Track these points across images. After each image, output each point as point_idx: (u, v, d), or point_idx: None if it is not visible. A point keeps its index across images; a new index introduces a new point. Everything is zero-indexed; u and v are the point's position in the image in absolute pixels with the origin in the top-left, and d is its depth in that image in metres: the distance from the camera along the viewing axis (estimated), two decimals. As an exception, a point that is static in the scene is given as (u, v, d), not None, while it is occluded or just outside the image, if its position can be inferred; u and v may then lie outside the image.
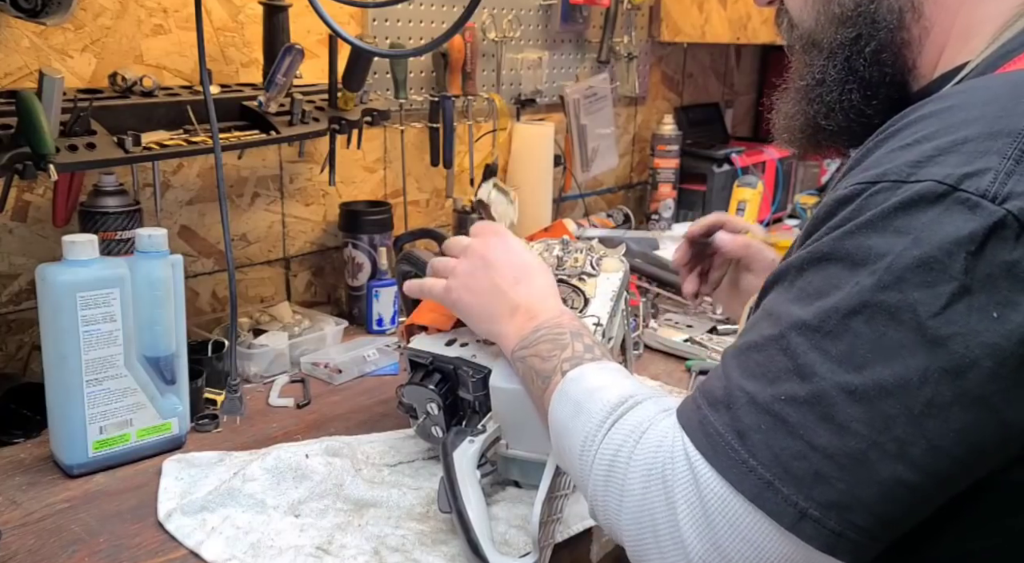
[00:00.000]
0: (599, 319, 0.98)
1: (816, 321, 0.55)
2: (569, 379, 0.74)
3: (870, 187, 0.56)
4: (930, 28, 0.69)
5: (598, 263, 1.08)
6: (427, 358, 0.98)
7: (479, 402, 0.95)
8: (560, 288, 1.03)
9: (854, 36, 0.71)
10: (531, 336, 0.82)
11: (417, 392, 0.99)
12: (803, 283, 0.58)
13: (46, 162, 0.98)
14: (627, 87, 2.13)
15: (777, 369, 0.56)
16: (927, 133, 0.56)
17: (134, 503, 0.95)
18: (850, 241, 0.55)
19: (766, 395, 0.56)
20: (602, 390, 0.70)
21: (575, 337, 0.80)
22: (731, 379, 0.59)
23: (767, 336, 0.58)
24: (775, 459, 0.55)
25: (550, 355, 0.79)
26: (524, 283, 0.89)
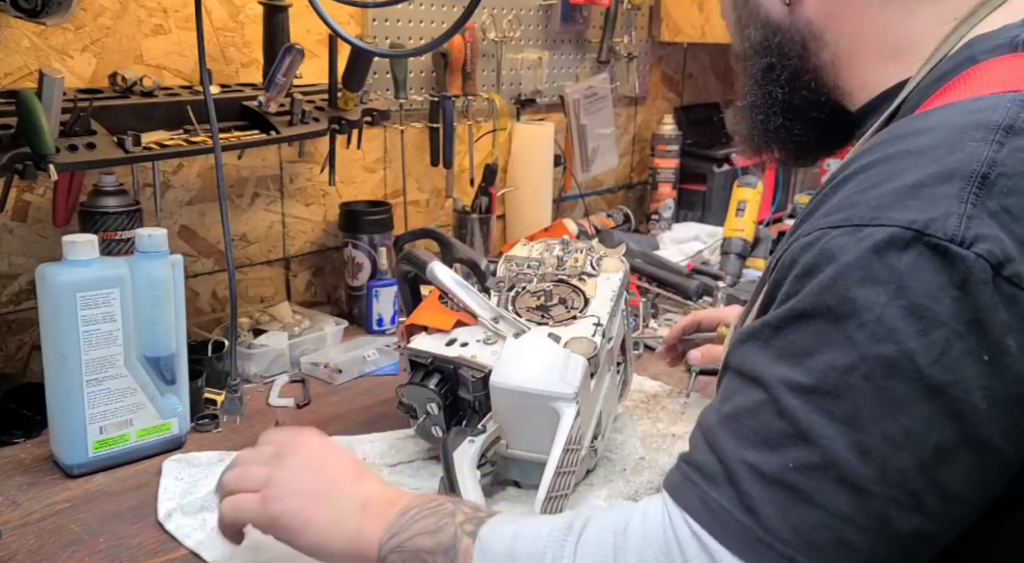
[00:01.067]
0: (599, 319, 0.98)
1: (812, 382, 0.54)
2: (483, 538, 0.64)
3: (829, 232, 0.55)
4: (839, 53, 0.72)
5: (598, 263, 1.08)
6: (427, 358, 0.98)
7: (479, 402, 0.95)
8: (560, 288, 1.04)
9: (767, 65, 0.75)
10: (400, 521, 0.69)
11: (417, 392, 0.99)
12: (784, 342, 0.56)
13: (46, 162, 0.98)
14: (627, 87, 2.13)
15: (777, 435, 0.54)
16: (883, 177, 0.56)
17: (134, 503, 0.95)
18: (830, 294, 0.54)
19: (772, 465, 0.54)
20: (530, 527, 0.63)
21: (456, 502, 0.71)
22: (726, 451, 0.57)
23: (757, 401, 0.56)
24: (794, 532, 0.53)
25: (438, 527, 0.67)
26: (366, 478, 0.76)
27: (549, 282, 1.05)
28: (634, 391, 1.25)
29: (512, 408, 0.91)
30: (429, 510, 0.69)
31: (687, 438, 1.11)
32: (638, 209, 2.24)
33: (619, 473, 1.04)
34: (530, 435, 0.91)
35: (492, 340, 0.97)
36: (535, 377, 0.89)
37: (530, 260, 1.10)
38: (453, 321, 1.01)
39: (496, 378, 0.90)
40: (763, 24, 0.74)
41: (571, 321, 0.98)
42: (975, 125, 0.55)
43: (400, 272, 1.11)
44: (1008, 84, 0.58)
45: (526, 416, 0.90)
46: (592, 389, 0.95)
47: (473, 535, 0.65)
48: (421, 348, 0.99)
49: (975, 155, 0.53)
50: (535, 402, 0.88)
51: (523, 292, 1.04)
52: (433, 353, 0.98)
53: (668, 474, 0.62)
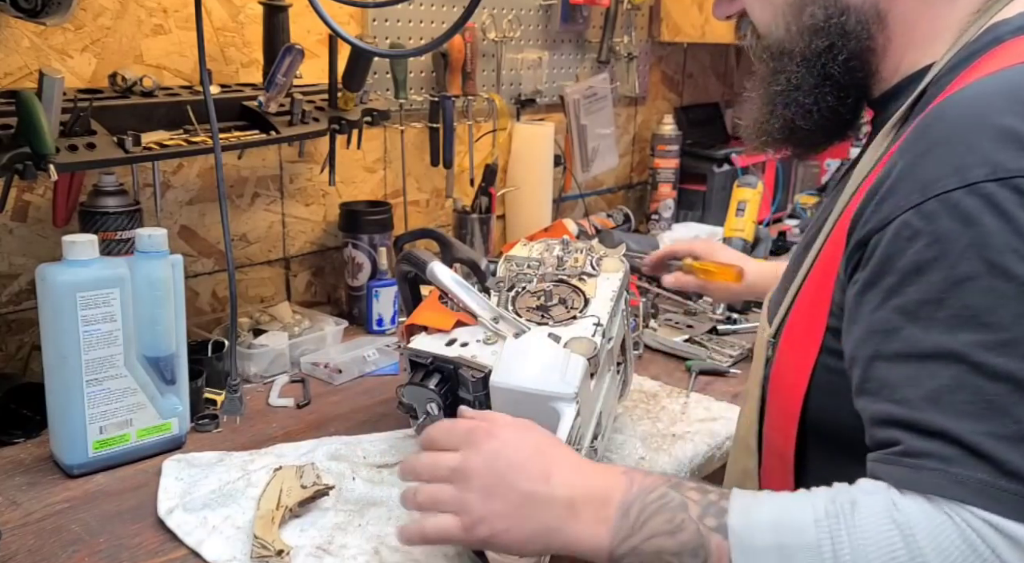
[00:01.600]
0: (599, 319, 0.98)
1: (1007, 335, 0.55)
2: (739, 532, 0.61)
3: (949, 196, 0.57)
4: (892, 37, 0.74)
5: (598, 263, 1.08)
6: (427, 358, 0.98)
7: (479, 402, 0.95)
8: (560, 288, 1.03)
9: (827, 45, 0.75)
10: (625, 520, 0.65)
11: (417, 392, 0.99)
12: (952, 311, 0.56)
13: (46, 162, 0.98)
14: (627, 87, 2.13)
15: (997, 397, 0.55)
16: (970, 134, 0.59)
17: (134, 503, 0.95)
18: (986, 252, 0.55)
19: (1009, 426, 0.54)
20: (792, 515, 0.60)
21: (677, 488, 0.66)
22: (952, 431, 0.55)
23: (955, 374, 0.56)
24: None
25: (676, 526, 0.63)
26: (556, 473, 0.70)
27: (549, 282, 1.05)
28: (634, 391, 1.25)
29: (512, 408, 0.90)
30: (655, 505, 0.65)
31: (687, 438, 1.12)
32: (638, 209, 2.24)
33: (619, 473, 1.04)
34: None
35: (492, 340, 0.97)
36: (535, 377, 0.89)
37: (530, 260, 1.10)
38: (453, 321, 1.01)
39: (496, 378, 0.90)
40: (832, 3, 0.75)
41: (571, 321, 0.98)
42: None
43: (400, 272, 1.11)
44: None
45: (526, 416, 0.89)
46: (592, 389, 0.95)
47: (722, 530, 0.61)
48: (421, 348, 0.99)
49: None
50: (535, 402, 0.88)
51: (523, 292, 1.04)
52: (433, 353, 0.98)
53: (890, 474, 0.59)
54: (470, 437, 0.74)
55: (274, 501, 0.90)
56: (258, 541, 0.84)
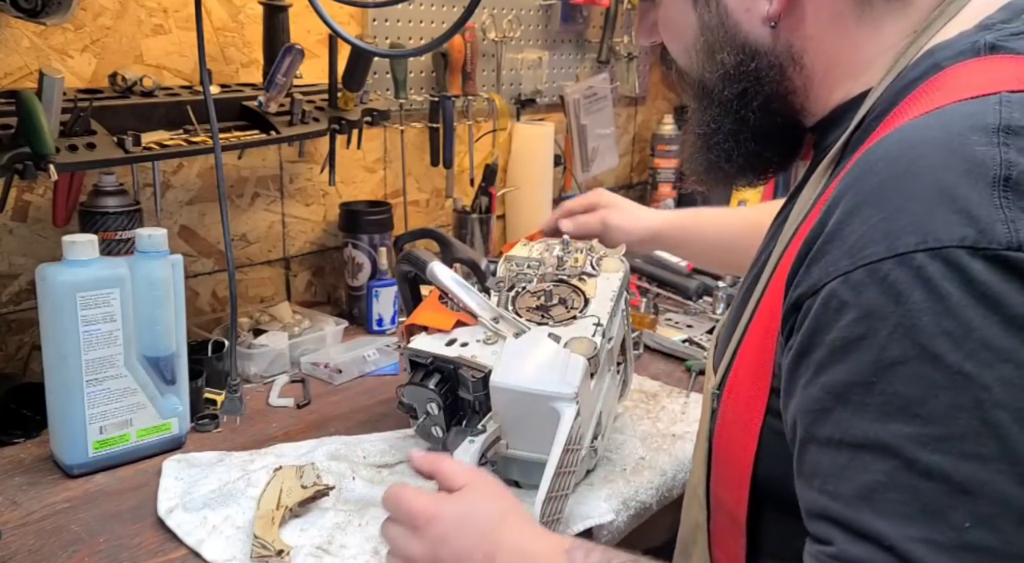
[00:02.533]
0: (599, 319, 0.98)
1: (941, 430, 0.50)
2: None
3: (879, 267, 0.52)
4: (812, 76, 0.71)
5: (598, 263, 1.08)
6: (427, 358, 0.98)
7: (479, 402, 0.95)
8: (560, 288, 1.04)
9: (740, 91, 0.72)
10: None
11: (417, 392, 0.99)
12: (883, 398, 0.52)
13: (46, 162, 0.98)
14: (627, 87, 2.13)
15: (934, 499, 0.50)
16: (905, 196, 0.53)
17: (134, 503, 0.95)
18: (916, 334, 0.50)
19: (945, 532, 0.50)
20: None
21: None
22: (884, 535, 0.51)
23: (888, 469, 0.51)
24: None
25: None
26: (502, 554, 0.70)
27: (549, 282, 1.05)
28: (634, 391, 1.25)
29: (512, 408, 0.91)
30: None
31: (687, 438, 1.12)
32: (638, 209, 2.24)
33: (619, 473, 1.04)
34: (530, 435, 0.91)
35: (492, 340, 0.97)
36: (535, 377, 0.89)
37: (530, 260, 1.10)
38: (453, 321, 1.01)
39: (496, 378, 0.90)
40: (740, 48, 0.71)
41: (571, 321, 0.98)
42: (972, 129, 0.54)
43: (400, 272, 1.11)
44: (985, 87, 0.56)
45: (526, 416, 0.90)
46: (592, 389, 0.95)
47: None
48: (421, 348, 0.99)
49: (988, 159, 0.52)
50: (535, 402, 0.88)
51: (523, 292, 1.04)
52: (433, 353, 0.98)
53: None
54: (416, 523, 0.73)
55: (274, 501, 0.90)
56: (258, 541, 0.84)
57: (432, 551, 0.71)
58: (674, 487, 1.06)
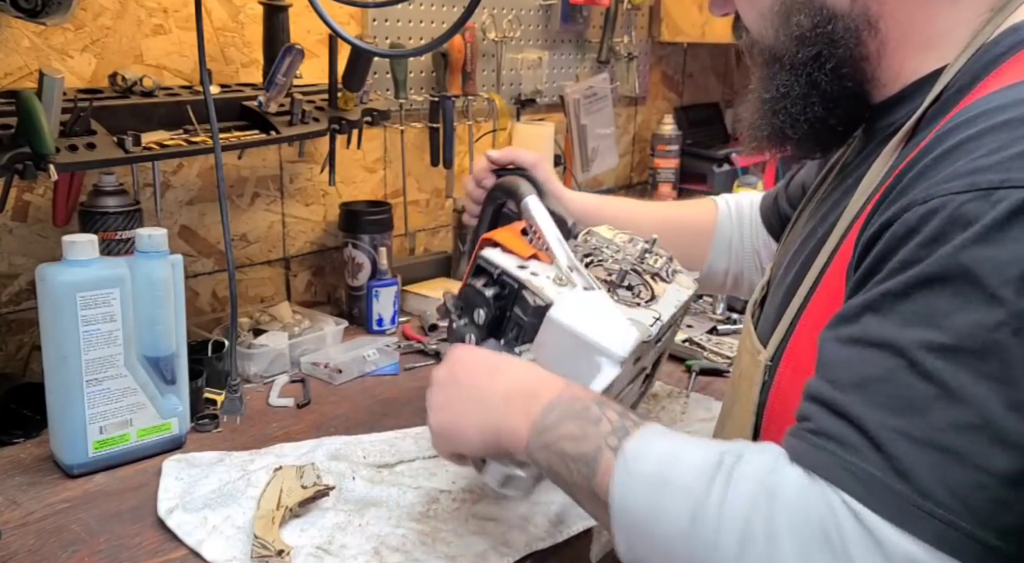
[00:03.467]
0: (660, 316, 0.96)
1: (955, 341, 0.52)
2: (628, 454, 0.63)
3: (957, 197, 0.54)
4: (886, 42, 0.72)
5: (672, 273, 1.06)
6: (496, 269, 0.96)
7: (529, 328, 0.92)
8: (632, 276, 1.01)
9: (814, 54, 0.73)
10: (545, 418, 0.69)
11: (473, 296, 0.96)
12: (914, 307, 0.55)
13: (46, 162, 0.98)
14: (627, 87, 2.13)
15: (923, 397, 0.53)
16: (1000, 144, 0.55)
17: (134, 503, 0.95)
18: (967, 256, 0.53)
19: (922, 428, 0.52)
20: (682, 453, 0.61)
21: (602, 406, 0.68)
22: (864, 418, 0.54)
23: (891, 366, 0.54)
24: (952, 495, 0.51)
25: (583, 434, 0.66)
26: (503, 372, 0.77)
27: (625, 266, 1.04)
28: (634, 391, 1.25)
29: (558, 346, 0.88)
30: (574, 411, 0.68)
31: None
32: (638, 209, 2.24)
33: (619, 473, 1.04)
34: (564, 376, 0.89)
35: (563, 283, 0.94)
36: (594, 327, 0.87)
37: (612, 243, 1.08)
38: (531, 252, 0.98)
39: (557, 313, 0.88)
40: (818, 10, 0.72)
41: (635, 307, 0.96)
42: None
43: (491, 196, 1.11)
44: None
45: (567, 360, 0.87)
46: (622, 374, 0.94)
47: (616, 450, 0.63)
48: (495, 259, 0.96)
49: None
50: (584, 350, 0.86)
51: (597, 264, 1.03)
52: (504, 267, 0.95)
53: (791, 445, 0.59)
54: (446, 357, 0.83)
55: (274, 501, 0.90)
56: (258, 541, 0.84)
57: (449, 373, 0.80)
58: (674, 487, 1.06)
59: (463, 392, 0.78)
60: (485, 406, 0.75)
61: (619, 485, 0.62)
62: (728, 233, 1.19)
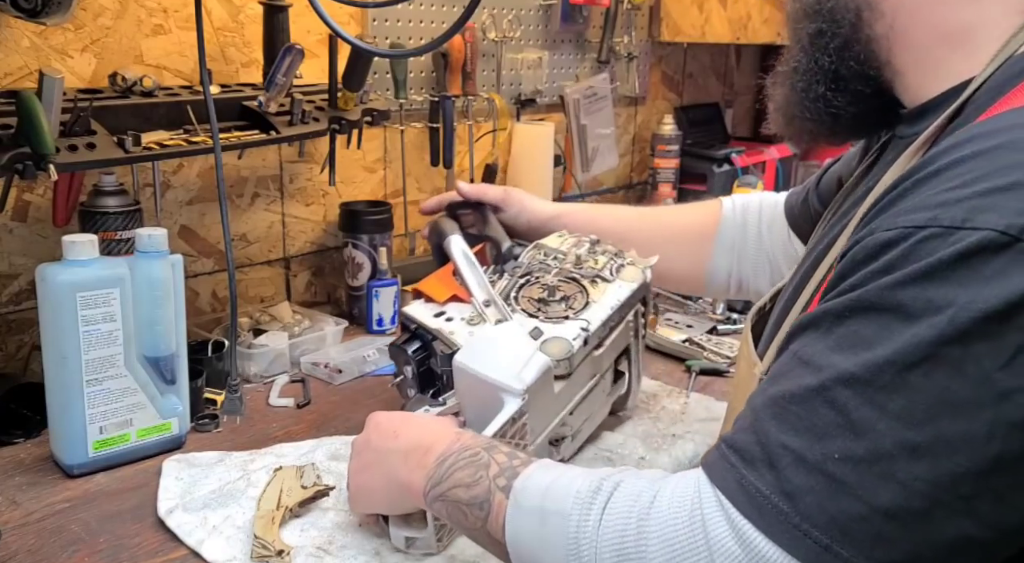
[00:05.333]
0: (588, 325, 0.96)
1: (867, 374, 0.53)
2: (516, 492, 0.66)
3: (918, 231, 0.53)
4: (897, 27, 0.70)
5: (618, 270, 1.06)
6: (413, 323, 1.03)
7: (446, 375, 0.97)
8: (569, 285, 1.02)
9: (817, 30, 0.74)
10: (438, 470, 0.73)
11: (398, 353, 1.04)
12: (845, 332, 0.55)
13: (46, 162, 0.98)
14: (627, 87, 2.13)
15: (825, 424, 0.53)
16: (977, 175, 0.53)
17: (134, 503, 0.95)
18: (903, 292, 0.53)
19: (816, 453, 0.53)
20: (562, 483, 0.64)
21: (490, 450, 0.71)
22: (769, 435, 0.56)
23: (807, 387, 0.55)
24: (832, 522, 0.52)
25: (474, 480, 0.69)
26: (404, 430, 0.81)
27: (559, 277, 1.04)
28: (634, 391, 1.25)
29: (469, 389, 0.93)
30: (464, 460, 0.71)
31: (687, 438, 1.12)
32: (638, 209, 2.24)
33: (619, 473, 1.04)
34: (486, 418, 0.91)
35: (475, 321, 0.99)
36: (492, 365, 0.90)
37: (558, 252, 1.09)
38: (449, 295, 1.04)
39: (459, 357, 0.92)
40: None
41: (562, 320, 0.98)
42: None
43: (432, 239, 1.16)
44: None
45: (480, 400, 0.91)
46: (558, 391, 0.94)
47: (506, 490, 0.66)
48: (410, 313, 1.03)
49: None
50: (487, 389, 0.90)
51: (534, 282, 1.04)
52: (418, 320, 1.02)
53: (707, 452, 0.61)
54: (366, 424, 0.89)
55: (274, 501, 0.90)
56: (258, 541, 0.84)
57: (364, 440, 0.86)
58: (674, 487, 1.06)
59: (372, 455, 0.83)
60: (389, 465, 0.80)
61: (511, 522, 0.65)
62: (731, 235, 1.16)
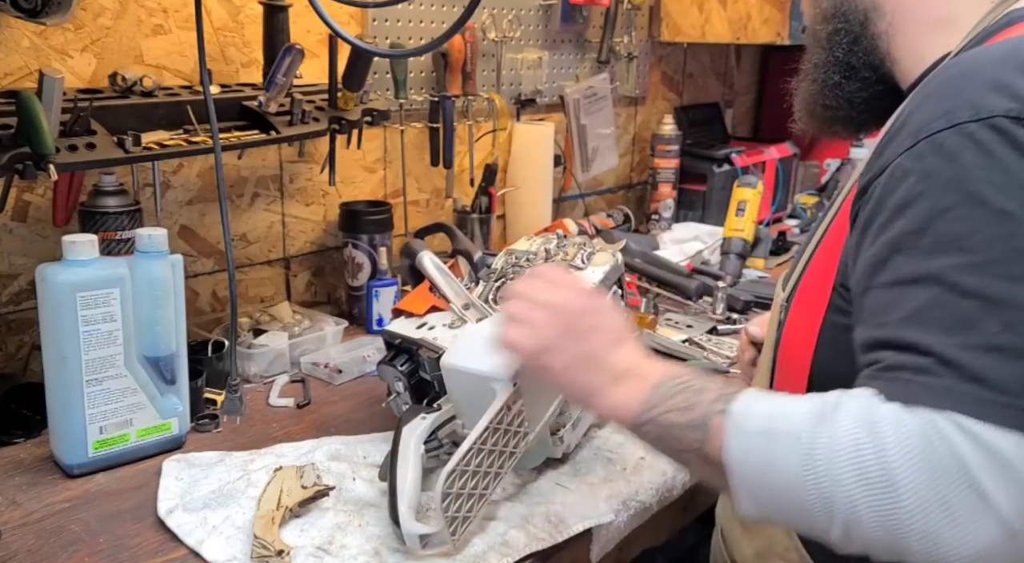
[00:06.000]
0: None
1: (980, 258, 0.60)
2: (735, 416, 0.68)
3: (935, 137, 0.62)
4: (895, 23, 0.82)
5: (588, 258, 1.09)
6: (396, 339, 1.03)
7: (438, 381, 0.98)
8: None
9: (833, 30, 0.86)
10: (654, 396, 0.75)
11: (386, 371, 1.05)
12: (931, 239, 0.62)
13: (46, 162, 0.98)
14: (627, 87, 2.13)
15: (969, 312, 0.60)
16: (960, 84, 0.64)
17: (134, 503, 0.95)
18: (966, 183, 0.61)
19: (976, 338, 0.59)
20: (785, 409, 0.66)
21: (702, 379, 0.74)
22: (923, 344, 0.60)
23: (932, 295, 0.61)
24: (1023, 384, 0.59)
25: (691, 404, 0.72)
26: (624, 347, 0.80)
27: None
28: (634, 391, 1.25)
29: (460, 388, 0.93)
30: (680, 386, 0.74)
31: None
32: (638, 209, 2.24)
33: (619, 473, 1.04)
34: (481, 416, 0.91)
35: (456, 325, 1.01)
36: (477, 358, 0.91)
37: (528, 253, 1.13)
38: (427, 307, 1.05)
39: (445, 358, 0.93)
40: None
41: None
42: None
43: (405, 262, 1.17)
44: None
45: (473, 397, 0.91)
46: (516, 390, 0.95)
47: (723, 414, 0.69)
48: (391, 329, 1.04)
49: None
50: (477, 382, 0.90)
51: (509, 283, 1.06)
52: (400, 334, 1.03)
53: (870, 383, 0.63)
54: (581, 288, 0.84)
55: (274, 501, 0.90)
56: (258, 541, 0.84)
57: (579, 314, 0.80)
58: (674, 487, 1.06)
59: (583, 347, 0.79)
60: (598, 374, 0.78)
61: (732, 444, 0.67)
62: None
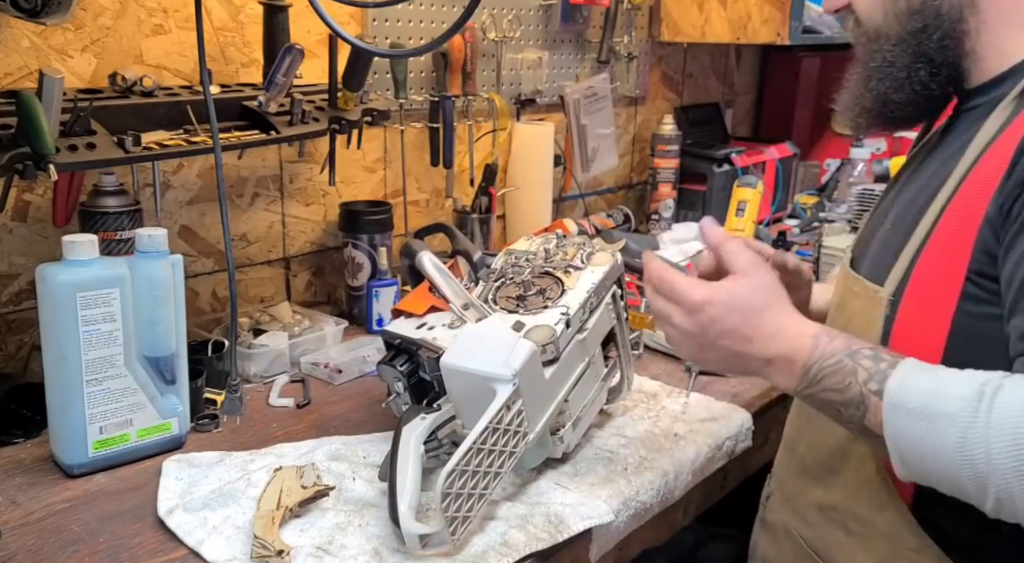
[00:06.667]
0: (568, 309, 0.99)
1: None
2: (891, 394, 0.71)
3: None
4: (988, 20, 0.83)
5: (588, 258, 1.09)
6: (395, 339, 1.03)
7: (438, 382, 0.98)
8: (544, 279, 1.06)
9: (922, 26, 0.85)
10: (805, 378, 0.78)
11: (386, 371, 1.04)
12: None
13: (46, 162, 0.98)
14: (627, 87, 2.13)
15: None
16: None
17: (134, 503, 0.95)
18: None
19: None
20: (945, 388, 0.69)
21: (853, 356, 0.76)
22: None
23: None
24: None
25: (844, 385, 0.75)
26: (756, 336, 0.80)
27: (534, 274, 1.07)
28: (634, 391, 1.25)
29: (460, 388, 0.93)
30: (830, 369, 0.76)
31: (688, 438, 1.12)
32: (638, 209, 2.24)
33: (620, 473, 1.04)
34: (480, 416, 0.91)
35: (456, 325, 1.01)
36: (478, 359, 0.91)
37: (528, 253, 1.12)
38: (427, 307, 1.05)
39: (445, 358, 0.93)
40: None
41: (542, 310, 1.00)
42: None
43: (405, 262, 1.17)
44: None
45: (475, 397, 0.91)
46: (549, 377, 0.96)
47: (879, 394, 0.72)
48: (391, 330, 1.04)
49: None
50: (477, 382, 0.90)
51: (509, 282, 1.06)
52: (400, 334, 1.03)
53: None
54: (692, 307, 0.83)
55: (274, 501, 0.90)
56: (258, 541, 0.84)
57: (701, 331, 0.82)
58: (675, 488, 1.06)
59: (721, 353, 0.82)
60: (747, 366, 0.82)
61: (890, 422, 0.71)
62: None
